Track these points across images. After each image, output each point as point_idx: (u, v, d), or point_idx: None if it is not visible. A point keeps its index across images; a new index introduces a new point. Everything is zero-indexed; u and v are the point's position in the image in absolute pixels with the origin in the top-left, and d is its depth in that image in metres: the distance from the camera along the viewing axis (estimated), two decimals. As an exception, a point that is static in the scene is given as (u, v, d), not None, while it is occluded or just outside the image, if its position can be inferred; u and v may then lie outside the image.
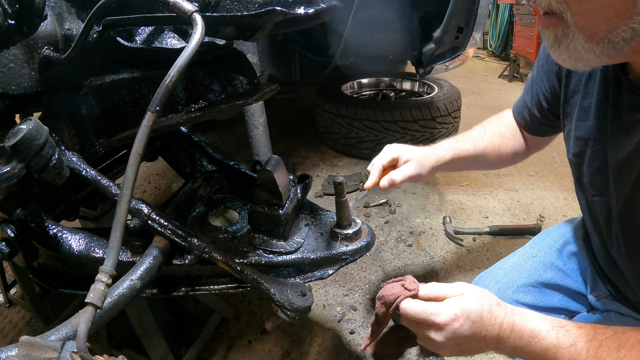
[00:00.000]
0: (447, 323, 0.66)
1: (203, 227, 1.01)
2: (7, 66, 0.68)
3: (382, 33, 2.48)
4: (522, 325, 0.67)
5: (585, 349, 0.63)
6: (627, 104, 0.70)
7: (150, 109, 0.55)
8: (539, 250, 1.23)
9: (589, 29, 0.57)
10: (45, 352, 0.48)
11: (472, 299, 0.68)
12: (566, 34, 0.59)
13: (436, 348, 0.70)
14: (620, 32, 0.55)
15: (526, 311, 0.70)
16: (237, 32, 0.74)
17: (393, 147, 1.02)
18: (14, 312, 1.62)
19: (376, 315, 0.76)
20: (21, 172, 0.60)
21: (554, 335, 0.66)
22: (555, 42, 0.62)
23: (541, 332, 0.66)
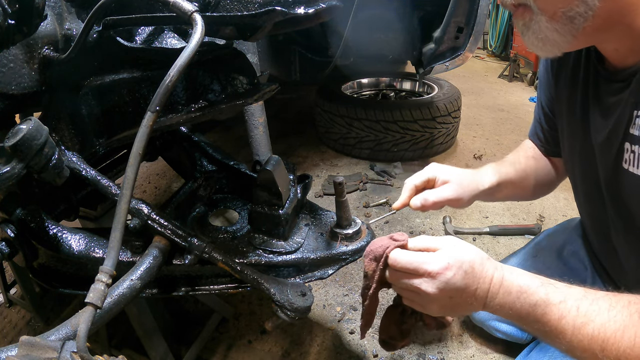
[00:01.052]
0: (439, 272, 0.63)
1: (203, 227, 1.01)
2: (7, 66, 0.68)
3: (382, 33, 2.48)
4: (511, 281, 0.65)
5: (576, 306, 0.61)
6: (604, 91, 0.76)
7: (150, 108, 0.55)
8: (538, 250, 1.23)
9: (549, 10, 0.64)
10: (45, 352, 0.48)
11: (464, 249, 0.66)
12: (532, 18, 0.67)
13: (425, 305, 0.67)
14: (574, 7, 0.62)
15: (515, 268, 0.68)
16: (237, 32, 0.74)
17: (431, 166, 0.94)
18: (14, 312, 1.62)
19: (365, 275, 0.71)
20: (21, 172, 0.60)
21: (543, 291, 0.63)
22: (524, 28, 0.69)
23: (530, 288, 0.64)
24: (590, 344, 0.59)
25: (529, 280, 0.65)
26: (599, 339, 0.58)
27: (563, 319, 0.61)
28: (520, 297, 0.64)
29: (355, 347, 1.39)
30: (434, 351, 1.37)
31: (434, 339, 1.41)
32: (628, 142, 0.69)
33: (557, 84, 0.93)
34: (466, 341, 1.40)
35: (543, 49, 0.69)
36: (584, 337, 0.60)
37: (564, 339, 0.62)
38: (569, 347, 0.62)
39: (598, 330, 0.59)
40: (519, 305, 0.64)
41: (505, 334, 1.28)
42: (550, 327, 0.62)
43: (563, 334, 0.61)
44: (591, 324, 0.60)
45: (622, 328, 0.58)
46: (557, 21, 0.64)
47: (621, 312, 0.59)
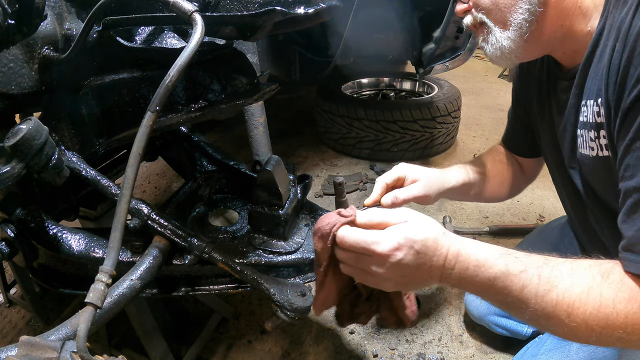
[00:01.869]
0: (389, 253, 0.61)
1: (203, 227, 1.01)
2: (7, 66, 0.68)
3: (382, 33, 2.48)
4: (468, 255, 0.63)
5: (537, 274, 0.60)
6: (559, 90, 0.86)
7: (150, 108, 0.55)
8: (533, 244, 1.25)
9: (500, 20, 0.75)
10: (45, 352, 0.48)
11: (417, 226, 0.63)
12: (489, 32, 0.77)
13: (378, 282, 0.66)
14: (519, 15, 0.72)
15: (473, 241, 0.66)
16: (237, 32, 0.74)
17: (401, 166, 0.99)
18: (14, 312, 1.62)
19: (315, 253, 0.68)
20: (21, 172, 0.60)
21: (502, 262, 0.62)
22: (484, 42, 0.79)
23: (488, 261, 0.62)
24: (555, 310, 0.59)
25: (486, 253, 0.63)
26: (564, 304, 0.58)
27: (525, 289, 0.60)
28: (478, 271, 0.62)
29: (355, 347, 1.39)
30: (434, 351, 1.37)
31: (433, 338, 1.41)
32: (579, 129, 0.78)
33: (529, 90, 1.03)
34: (466, 341, 1.40)
35: (502, 58, 0.79)
36: (547, 304, 0.59)
37: (528, 309, 0.61)
38: (532, 316, 0.61)
39: (562, 296, 0.58)
40: (478, 280, 0.62)
41: (505, 329, 1.29)
42: (513, 298, 0.61)
43: (526, 303, 0.60)
44: (554, 290, 0.59)
45: (586, 290, 0.58)
46: (508, 29, 0.75)
47: (583, 275, 0.59)
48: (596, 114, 0.70)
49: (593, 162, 0.75)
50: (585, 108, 0.74)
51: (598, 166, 0.75)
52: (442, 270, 0.64)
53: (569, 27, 0.74)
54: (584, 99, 0.75)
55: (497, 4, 0.74)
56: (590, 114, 0.72)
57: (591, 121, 0.72)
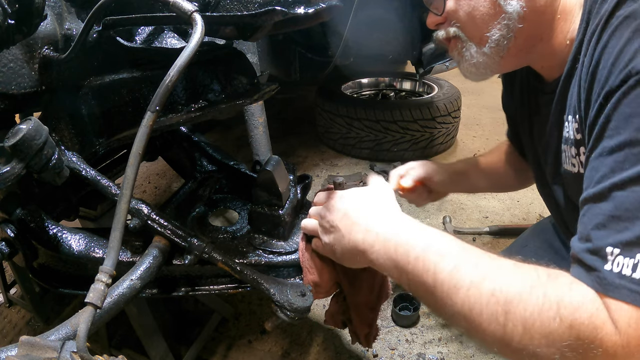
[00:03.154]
0: (331, 205, 0.73)
1: (203, 227, 1.01)
2: (7, 66, 0.68)
3: (382, 33, 2.48)
4: (395, 233, 0.63)
5: (474, 263, 0.56)
6: (541, 103, 0.84)
7: (150, 108, 0.55)
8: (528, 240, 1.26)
9: (476, 36, 0.72)
10: (45, 352, 0.48)
11: (349, 195, 0.73)
12: (463, 46, 0.75)
13: (331, 249, 0.74)
14: (497, 31, 0.69)
15: (407, 219, 0.66)
16: (237, 32, 0.74)
17: (410, 162, 1.10)
18: (14, 312, 1.62)
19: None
20: (21, 172, 0.60)
21: (425, 241, 0.60)
22: (459, 57, 0.77)
23: (415, 238, 0.61)
24: (489, 303, 0.52)
25: (415, 232, 0.62)
26: (501, 298, 0.51)
27: (457, 272, 0.55)
28: (398, 249, 0.61)
29: (355, 347, 1.39)
30: (434, 351, 1.37)
31: (433, 338, 1.41)
32: (563, 144, 0.75)
33: (512, 101, 1.02)
34: (466, 341, 1.40)
35: (477, 74, 0.77)
36: (482, 293, 0.52)
37: (457, 297, 0.54)
38: (462, 309, 0.54)
39: (500, 289, 0.52)
40: (399, 257, 0.60)
41: None
42: (441, 280, 0.56)
43: (456, 289, 0.54)
44: (491, 282, 0.53)
45: (528, 288, 0.51)
46: (484, 45, 0.72)
47: (527, 271, 0.54)
48: (575, 130, 0.68)
49: (575, 179, 0.73)
50: (567, 123, 0.72)
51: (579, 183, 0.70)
52: (362, 241, 0.67)
53: (547, 41, 0.72)
54: (565, 114, 0.72)
55: (474, 18, 0.70)
56: (571, 130, 0.70)
57: (572, 137, 0.71)
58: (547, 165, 0.87)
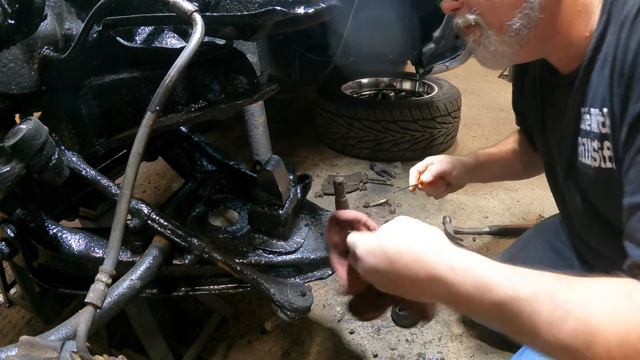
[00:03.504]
0: (361, 256, 0.61)
1: (203, 227, 1.01)
2: (7, 66, 0.68)
3: (382, 33, 2.48)
4: (465, 270, 0.54)
5: (549, 299, 0.51)
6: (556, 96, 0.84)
7: (150, 108, 0.55)
8: (529, 241, 1.26)
9: (497, 24, 0.71)
10: (45, 352, 0.48)
11: (396, 235, 0.60)
12: (482, 34, 0.74)
13: (374, 281, 0.64)
14: (518, 20, 0.69)
15: (476, 258, 0.57)
16: (237, 32, 0.74)
17: (428, 157, 1.12)
18: (14, 312, 1.61)
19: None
20: (21, 172, 0.60)
21: (509, 283, 0.52)
22: (476, 45, 0.76)
23: (492, 280, 0.53)
24: (572, 340, 0.49)
25: (491, 271, 0.54)
26: (583, 333, 0.49)
27: (536, 317, 0.51)
28: (478, 293, 0.53)
29: (355, 347, 1.39)
30: (434, 351, 1.37)
31: (433, 338, 1.41)
32: (580, 137, 0.75)
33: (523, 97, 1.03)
34: (466, 341, 1.40)
35: (494, 62, 0.77)
36: (563, 334, 0.50)
37: (539, 339, 0.52)
38: (544, 347, 0.52)
39: (581, 324, 0.49)
40: (479, 303, 0.54)
41: None
42: (521, 327, 0.52)
43: (537, 333, 0.51)
44: (571, 319, 0.50)
45: (608, 316, 0.48)
46: (504, 34, 0.71)
47: (603, 297, 0.51)
48: (601, 124, 0.68)
49: (594, 173, 0.73)
50: (588, 116, 0.71)
51: (599, 177, 0.72)
52: (429, 282, 0.56)
53: (566, 32, 0.71)
54: (586, 107, 0.72)
55: (495, 6, 0.70)
56: (594, 124, 0.70)
57: (595, 131, 0.70)
58: (560, 159, 0.87)
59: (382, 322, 1.49)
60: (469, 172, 1.14)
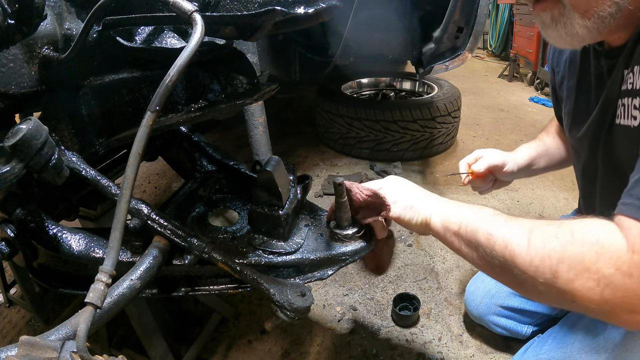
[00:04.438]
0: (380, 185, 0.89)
1: (203, 227, 1.01)
2: (7, 66, 0.68)
3: (382, 33, 2.48)
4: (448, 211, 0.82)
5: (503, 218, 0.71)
6: (602, 65, 0.83)
7: (150, 108, 0.55)
8: None
9: (582, 7, 0.68)
10: (45, 352, 0.48)
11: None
12: (562, 13, 0.70)
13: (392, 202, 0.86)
14: (606, 8, 0.66)
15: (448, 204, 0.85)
16: (237, 32, 0.74)
17: (478, 150, 1.16)
18: (14, 312, 1.62)
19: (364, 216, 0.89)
20: (21, 172, 0.60)
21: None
22: (552, 22, 0.72)
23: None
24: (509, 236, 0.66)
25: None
26: (525, 227, 0.65)
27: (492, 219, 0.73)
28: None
29: (355, 347, 1.39)
30: (434, 351, 1.37)
31: (433, 338, 1.41)
32: (620, 99, 0.75)
33: (557, 73, 1.02)
34: (466, 341, 1.40)
35: (569, 43, 0.74)
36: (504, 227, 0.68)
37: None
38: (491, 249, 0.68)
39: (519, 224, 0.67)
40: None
41: (504, 329, 1.29)
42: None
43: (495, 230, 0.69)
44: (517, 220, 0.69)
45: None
46: (589, 19, 0.68)
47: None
48: None
49: (633, 133, 0.72)
50: (631, 75, 0.71)
51: (638, 137, 0.71)
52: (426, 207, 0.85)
53: (636, 14, 0.70)
54: (630, 67, 0.71)
55: None
56: (638, 80, 0.69)
57: (638, 87, 0.69)
58: (595, 124, 0.86)
59: (382, 322, 1.49)
60: (520, 169, 1.16)
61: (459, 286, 1.65)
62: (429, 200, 0.86)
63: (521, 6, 4.88)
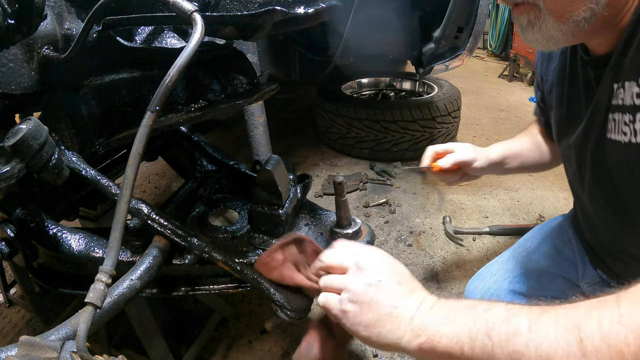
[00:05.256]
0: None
1: (203, 226, 1.01)
2: (7, 66, 0.68)
3: (382, 33, 2.48)
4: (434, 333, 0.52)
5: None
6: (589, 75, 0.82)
7: (150, 108, 0.55)
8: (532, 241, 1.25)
9: (557, 11, 0.69)
10: (45, 352, 0.48)
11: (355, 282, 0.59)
12: (538, 17, 0.71)
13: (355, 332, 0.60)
14: (581, 13, 0.67)
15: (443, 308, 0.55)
16: (236, 32, 0.74)
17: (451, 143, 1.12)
18: (14, 312, 1.62)
19: None
20: (21, 172, 0.60)
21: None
22: (529, 25, 0.73)
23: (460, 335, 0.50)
24: None
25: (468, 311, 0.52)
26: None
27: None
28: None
29: (355, 347, 1.39)
30: (434, 351, 1.37)
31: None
32: (611, 113, 0.75)
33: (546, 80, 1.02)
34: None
35: (544, 45, 0.75)
36: None
37: None
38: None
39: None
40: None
41: None
42: None
43: None
44: None
45: None
46: (564, 23, 0.69)
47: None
48: (635, 95, 0.67)
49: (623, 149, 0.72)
50: (621, 90, 0.71)
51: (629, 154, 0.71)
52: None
53: (617, 23, 0.71)
54: (619, 81, 0.71)
55: None
56: (627, 96, 0.69)
57: (627, 104, 0.69)
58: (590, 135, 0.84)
59: (382, 322, 1.49)
60: (491, 165, 1.15)
61: (459, 286, 1.65)
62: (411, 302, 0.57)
63: (521, 6, 4.86)
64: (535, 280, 1.17)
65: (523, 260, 1.20)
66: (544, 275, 1.16)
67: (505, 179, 2.50)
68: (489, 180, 2.49)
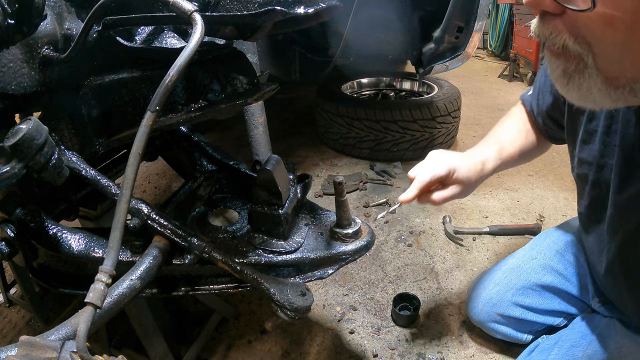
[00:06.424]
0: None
1: (203, 226, 1.01)
2: (7, 66, 0.68)
3: (382, 33, 2.48)
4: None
5: None
6: (638, 136, 0.66)
7: (150, 108, 0.55)
8: (538, 252, 1.23)
9: (611, 73, 0.52)
10: (45, 352, 0.48)
11: None
12: (581, 71, 0.54)
13: None
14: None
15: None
16: (236, 32, 0.74)
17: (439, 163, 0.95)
18: (14, 312, 1.62)
19: None
20: (21, 172, 0.60)
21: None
22: (564, 77, 0.57)
23: None
24: None
25: None
26: None
27: None
28: None
29: (355, 347, 1.39)
30: (434, 351, 1.37)
31: (433, 338, 1.41)
32: None
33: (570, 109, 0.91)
34: (466, 341, 1.40)
35: (576, 102, 0.60)
36: None
37: None
38: None
39: None
40: None
41: (504, 335, 1.28)
42: None
43: None
44: None
45: None
46: (616, 88, 0.54)
47: None
48: None
49: None
50: None
51: None
52: None
53: None
54: None
55: (624, 56, 0.50)
56: None
57: None
58: (623, 219, 0.78)
59: (382, 322, 1.49)
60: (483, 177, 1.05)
61: (459, 286, 1.65)
62: None
63: (521, 6, 4.88)
64: (539, 295, 1.15)
65: (527, 272, 1.19)
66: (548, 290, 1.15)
67: (505, 178, 2.50)
68: (489, 180, 2.49)
